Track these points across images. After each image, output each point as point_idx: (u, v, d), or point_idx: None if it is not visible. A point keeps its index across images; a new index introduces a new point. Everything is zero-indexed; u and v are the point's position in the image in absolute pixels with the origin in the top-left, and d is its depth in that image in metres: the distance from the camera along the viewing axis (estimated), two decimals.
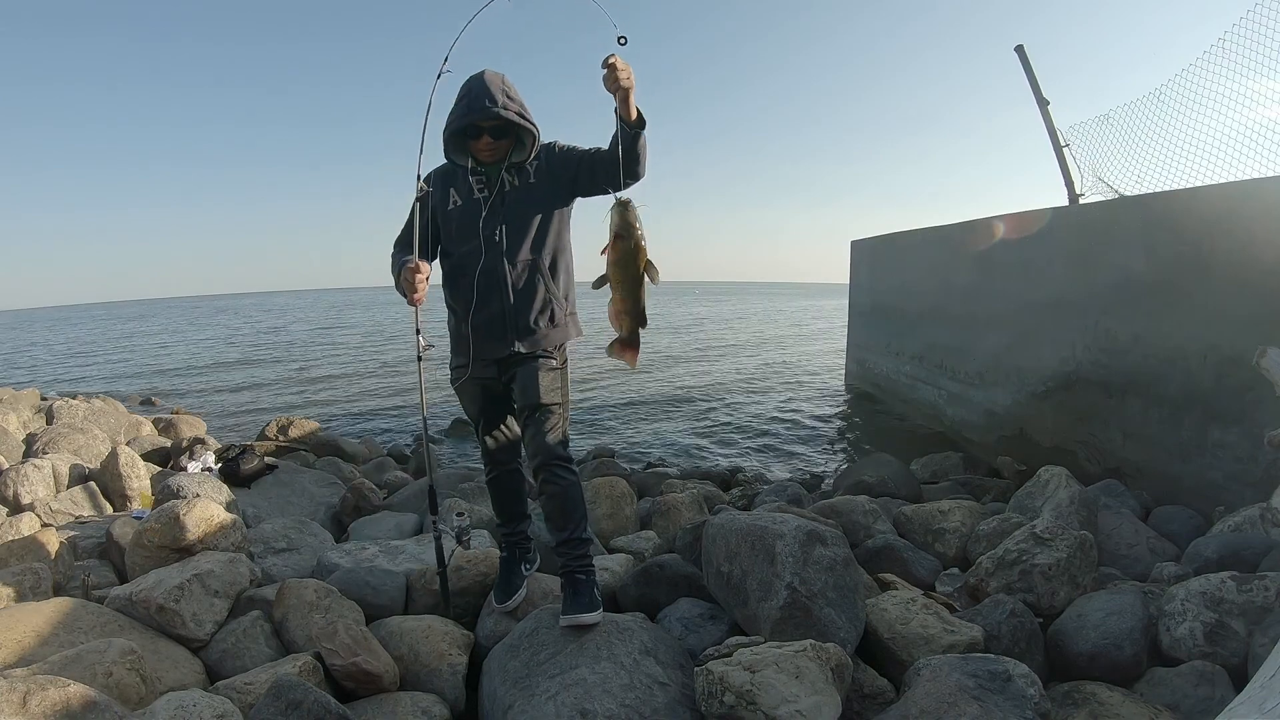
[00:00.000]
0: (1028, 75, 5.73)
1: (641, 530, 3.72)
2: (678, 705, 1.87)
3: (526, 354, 2.24)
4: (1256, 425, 3.23)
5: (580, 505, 2.28)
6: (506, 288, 2.20)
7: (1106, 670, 2.13)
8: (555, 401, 2.24)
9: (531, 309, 2.23)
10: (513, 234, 2.20)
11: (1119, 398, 4.52)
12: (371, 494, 4.42)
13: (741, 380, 13.50)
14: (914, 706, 1.71)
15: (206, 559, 2.60)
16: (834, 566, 2.16)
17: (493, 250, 2.20)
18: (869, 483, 4.74)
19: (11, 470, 4.02)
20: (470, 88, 2.14)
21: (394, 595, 2.69)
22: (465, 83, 2.17)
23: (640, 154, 2.03)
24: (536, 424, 2.21)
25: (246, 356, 20.22)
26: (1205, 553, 2.80)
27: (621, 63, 1.84)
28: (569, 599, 2.18)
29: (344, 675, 2.09)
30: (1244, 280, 3.56)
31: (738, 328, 28.58)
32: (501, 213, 2.21)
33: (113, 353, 23.72)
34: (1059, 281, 5.22)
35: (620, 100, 1.91)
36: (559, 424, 2.24)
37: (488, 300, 2.22)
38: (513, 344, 2.23)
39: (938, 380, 7.47)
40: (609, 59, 1.83)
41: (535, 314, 2.23)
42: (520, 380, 2.24)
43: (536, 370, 2.23)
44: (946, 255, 7.39)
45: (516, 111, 2.14)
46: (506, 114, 2.11)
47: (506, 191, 2.22)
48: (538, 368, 2.23)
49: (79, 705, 1.65)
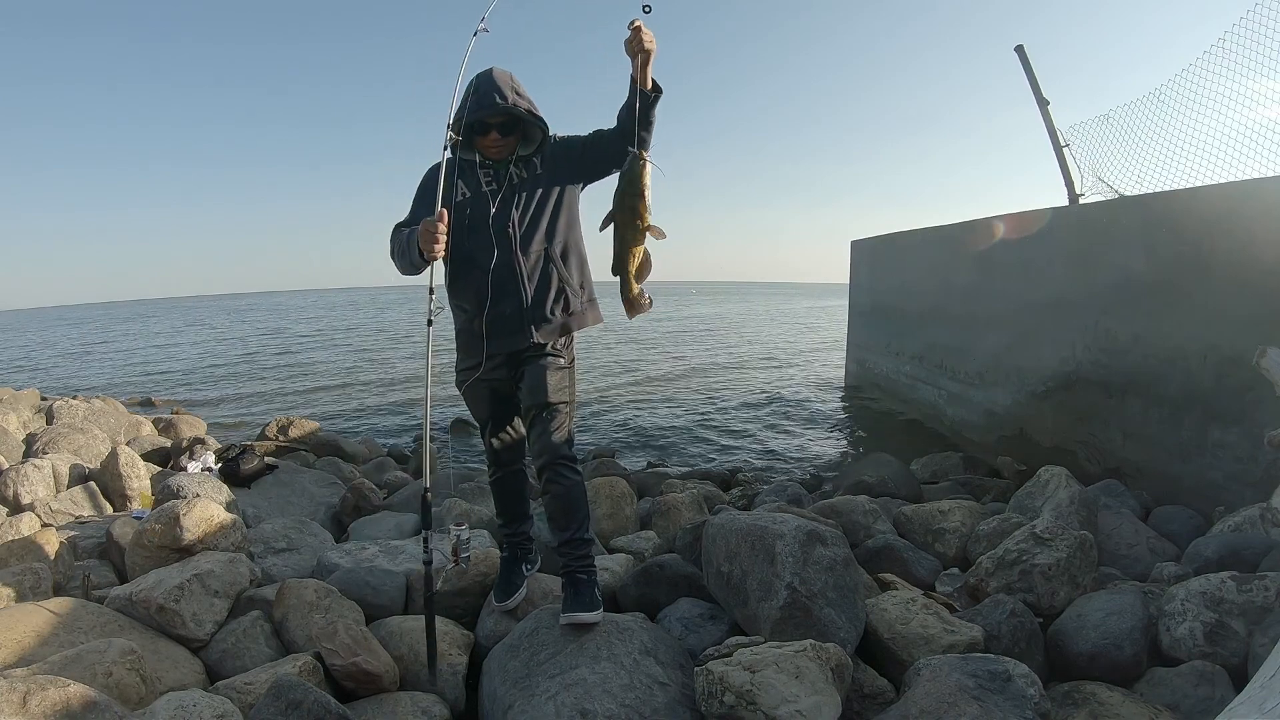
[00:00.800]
0: (1028, 75, 5.73)
1: (641, 530, 3.72)
2: (678, 705, 1.87)
3: (539, 348, 2.25)
4: (1256, 425, 3.23)
5: (583, 505, 2.28)
6: (522, 279, 2.21)
7: (1106, 670, 2.12)
8: (563, 400, 2.24)
9: (547, 299, 2.23)
10: (524, 225, 2.21)
11: (1119, 398, 4.52)
12: (371, 494, 4.42)
13: (742, 380, 13.50)
14: (914, 706, 1.71)
15: (206, 559, 2.60)
16: (834, 566, 2.16)
17: (505, 243, 2.20)
18: (869, 483, 4.74)
19: (11, 470, 4.02)
20: (479, 84, 2.16)
21: (394, 595, 2.69)
22: (473, 80, 2.18)
23: (651, 120, 2.07)
24: (543, 423, 2.21)
25: (247, 357, 20.22)
26: (1205, 553, 2.80)
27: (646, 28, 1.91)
28: (570, 598, 2.18)
29: (344, 675, 2.09)
30: (1244, 280, 3.56)
31: (741, 328, 28.59)
32: (512, 205, 2.21)
33: (113, 353, 23.72)
34: (1059, 281, 5.22)
35: (641, 65, 1.96)
36: (565, 423, 2.24)
37: (504, 293, 2.21)
38: (530, 335, 2.23)
39: (938, 380, 7.47)
40: (634, 22, 1.90)
41: (551, 303, 2.24)
42: (529, 378, 2.25)
43: (545, 369, 2.23)
44: (946, 255, 7.39)
45: (526, 107, 2.17)
46: (517, 109, 2.14)
47: (515, 184, 2.23)
48: (546, 366, 2.24)
49: (79, 705, 1.65)
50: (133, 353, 23.29)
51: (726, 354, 18.45)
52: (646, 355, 17.92)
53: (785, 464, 7.41)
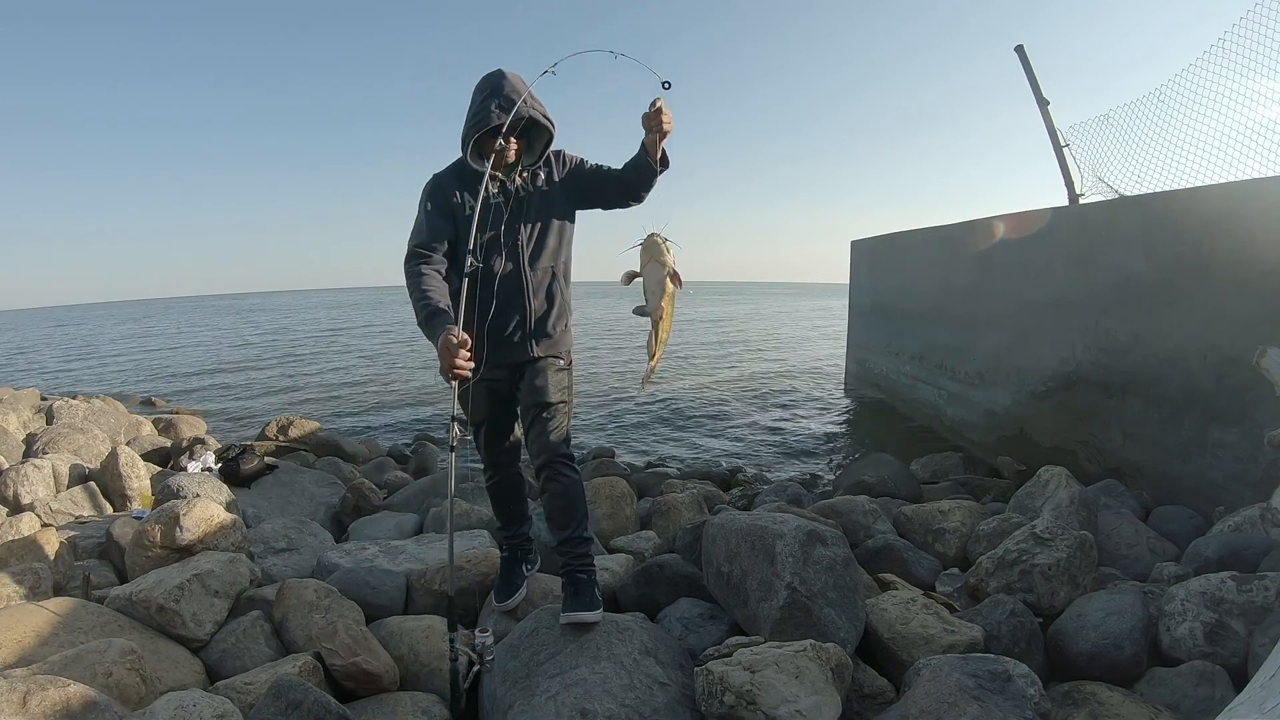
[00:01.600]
0: (1028, 75, 5.73)
1: (641, 530, 3.72)
2: (678, 705, 1.87)
3: (540, 357, 2.26)
4: (1256, 425, 3.23)
5: (582, 504, 2.28)
6: (528, 293, 2.22)
7: (1106, 670, 2.12)
8: (562, 400, 2.25)
9: (551, 315, 2.26)
10: (534, 240, 2.22)
11: (1119, 398, 4.51)
12: (371, 494, 4.43)
13: (742, 380, 13.50)
14: (914, 706, 1.71)
15: (206, 559, 2.60)
16: (834, 566, 2.16)
17: (515, 255, 2.19)
18: (869, 483, 4.74)
19: (11, 470, 4.02)
20: (492, 87, 2.14)
21: (394, 595, 2.70)
22: (484, 82, 2.16)
23: (651, 187, 2.23)
24: (542, 422, 2.22)
25: (247, 357, 20.21)
26: (1205, 553, 2.80)
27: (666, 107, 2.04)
28: (569, 597, 2.18)
29: (344, 675, 2.09)
30: (1244, 280, 3.56)
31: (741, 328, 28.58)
32: (521, 217, 2.21)
33: (113, 353, 23.72)
34: (1059, 281, 5.22)
35: (656, 141, 2.09)
36: (564, 422, 2.25)
37: (510, 305, 2.20)
38: (531, 349, 2.24)
39: (938, 380, 7.47)
40: (658, 101, 2.03)
41: (554, 320, 2.27)
42: (528, 379, 2.25)
43: (546, 370, 2.25)
44: (946, 255, 7.39)
45: (542, 110, 2.17)
46: (532, 112, 2.13)
47: (523, 197, 2.22)
48: (546, 367, 2.25)
49: (79, 705, 1.65)
50: (133, 353, 23.28)
51: (727, 354, 18.45)
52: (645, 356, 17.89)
53: (785, 464, 7.41)
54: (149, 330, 36.67)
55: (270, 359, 19.39)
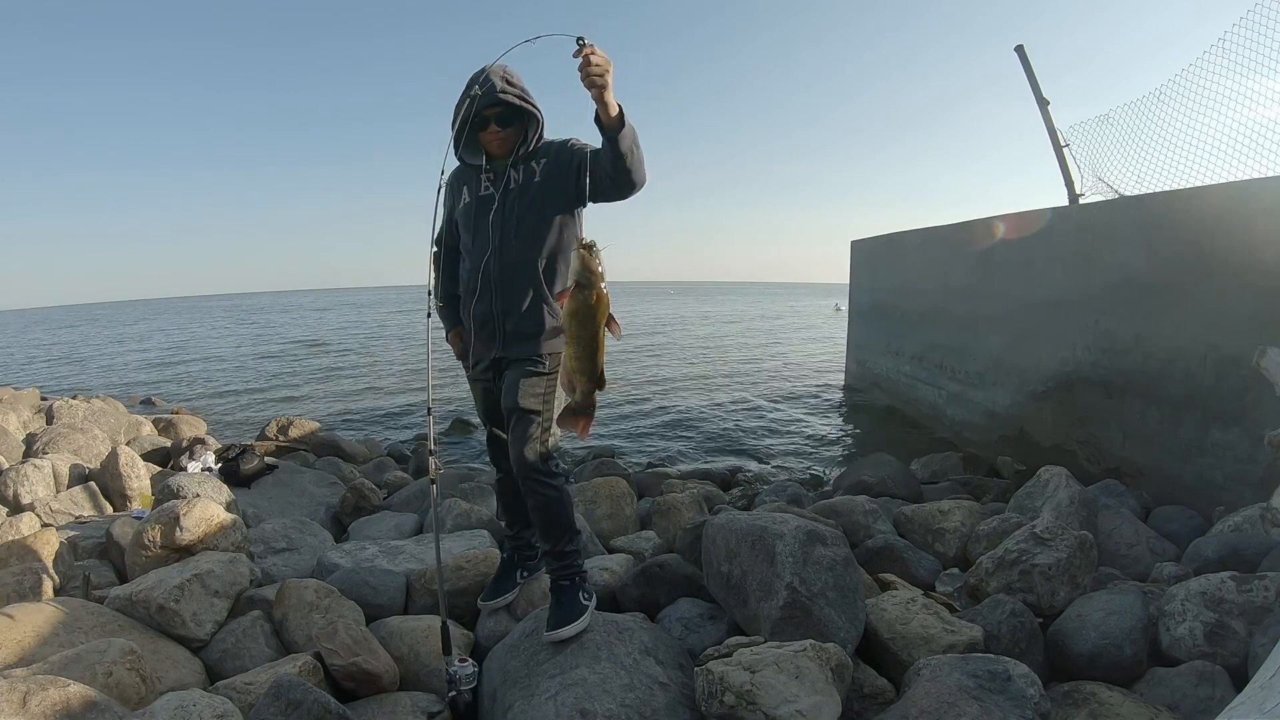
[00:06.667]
0: (1028, 75, 5.73)
1: (641, 530, 3.73)
2: (678, 705, 1.87)
3: (514, 360, 2.18)
4: (1256, 425, 3.24)
5: (565, 517, 2.18)
6: (495, 289, 2.15)
7: (1106, 670, 2.12)
8: (533, 409, 2.11)
9: (523, 313, 2.14)
10: (508, 233, 2.15)
11: (1119, 398, 4.52)
12: (371, 494, 4.43)
13: (742, 380, 13.50)
14: (914, 706, 1.71)
15: (206, 559, 2.60)
16: (834, 566, 2.16)
17: (492, 249, 2.16)
18: (869, 483, 4.74)
19: (11, 470, 4.02)
20: (472, 80, 2.13)
21: (394, 595, 2.69)
22: (469, 78, 2.15)
23: (626, 158, 1.88)
24: (514, 430, 2.13)
25: (247, 357, 20.22)
26: (1205, 553, 2.80)
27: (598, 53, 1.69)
28: (552, 610, 2.13)
29: (344, 675, 2.09)
30: (1244, 280, 3.56)
31: (742, 328, 28.58)
32: (503, 211, 2.16)
33: (113, 353, 23.72)
34: (1059, 281, 5.22)
35: (595, 97, 1.75)
36: (537, 433, 2.11)
37: (481, 299, 2.18)
38: (500, 346, 2.19)
39: (938, 380, 7.47)
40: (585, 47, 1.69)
41: (520, 318, 2.14)
42: (506, 381, 2.19)
43: (519, 373, 2.15)
44: (946, 255, 7.39)
45: (516, 94, 2.10)
46: (506, 97, 2.07)
47: (510, 189, 2.17)
48: (521, 372, 2.15)
49: (79, 705, 1.65)
50: (133, 353, 23.28)
51: (726, 354, 18.45)
52: (647, 356, 17.92)
53: (785, 464, 7.41)
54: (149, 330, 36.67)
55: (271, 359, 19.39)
